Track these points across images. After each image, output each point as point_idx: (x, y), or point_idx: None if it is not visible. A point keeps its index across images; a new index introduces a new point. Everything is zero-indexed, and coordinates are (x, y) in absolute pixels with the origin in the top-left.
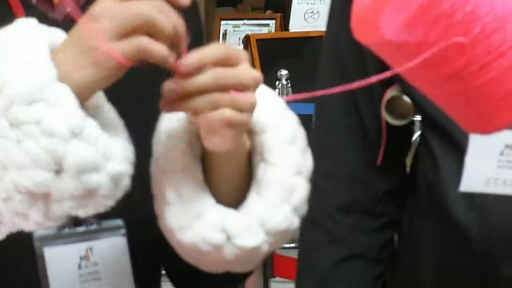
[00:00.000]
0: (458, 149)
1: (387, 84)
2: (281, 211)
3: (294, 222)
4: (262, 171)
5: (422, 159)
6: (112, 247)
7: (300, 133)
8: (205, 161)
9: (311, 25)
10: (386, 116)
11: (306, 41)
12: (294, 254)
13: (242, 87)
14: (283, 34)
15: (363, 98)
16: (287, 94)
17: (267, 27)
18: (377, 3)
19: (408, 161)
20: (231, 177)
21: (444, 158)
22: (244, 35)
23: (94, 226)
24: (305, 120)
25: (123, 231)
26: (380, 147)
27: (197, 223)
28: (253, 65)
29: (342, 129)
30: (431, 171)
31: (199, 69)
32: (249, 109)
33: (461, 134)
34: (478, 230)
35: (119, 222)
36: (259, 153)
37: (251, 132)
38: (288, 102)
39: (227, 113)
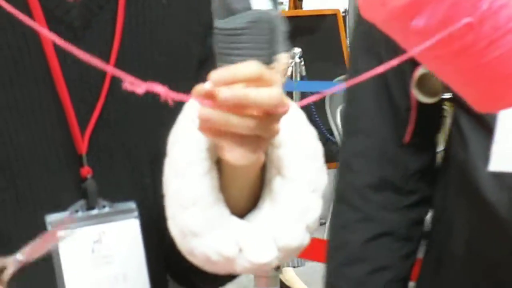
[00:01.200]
0: (487, 128)
1: (417, 62)
2: (295, 229)
3: (306, 239)
4: (279, 186)
5: (453, 137)
6: (125, 230)
7: (318, 149)
8: (220, 169)
9: (324, 3)
10: (416, 94)
11: (320, 19)
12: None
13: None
14: (297, 12)
15: (393, 76)
16: (300, 72)
17: (280, 5)
18: None
19: (441, 139)
20: (244, 187)
21: (474, 137)
22: None
23: (107, 209)
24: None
25: (135, 213)
26: (416, 121)
27: (211, 232)
28: None
29: (373, 108)
30: (461, 149)
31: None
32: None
33: (490, 113)
34: (508, 209)
35: (131, 204)
36: (276, 166)
37: (269, 144)
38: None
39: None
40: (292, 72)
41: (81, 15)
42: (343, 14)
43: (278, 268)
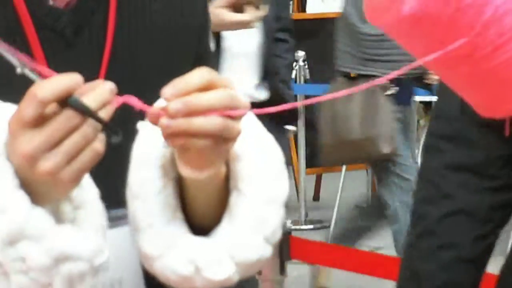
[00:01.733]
0: None
1: None
2: (252, 242)
3: (267, 251)
4: (234, 200)
5: None
6: (120, 236)
7: (275, 158)
8: (181, 185)
9: (328, 6)
10: None
11: (323, 22)
12: (310, 237)
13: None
14: (300, 16)
15: None
16: (304, 75)
17: None
18: None
19: None
20: (206, 202)
21: None
22: None
23: None
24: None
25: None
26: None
27: (166, 253)
28: None
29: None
30: None
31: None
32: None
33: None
34: None
35: (126, 211)
36: (233, 180)
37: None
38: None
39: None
40: (296, 75)
41: (72, 22)
42: None
43: (283, 272)
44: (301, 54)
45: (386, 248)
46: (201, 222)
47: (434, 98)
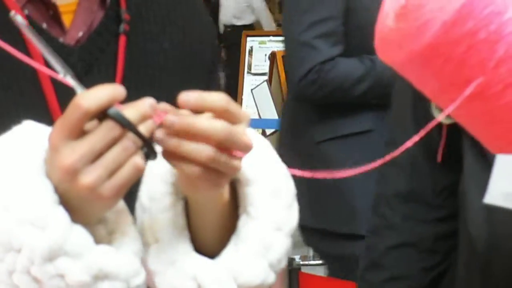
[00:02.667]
0: (486, 161)
1: None
2: (255, 266)
3: (270, 277)
4: (242, 224)
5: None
6: None
7: (287, 187)
8: (188, 205)
9: None
10: (434, 113)
11: None
12: (319, 272)
13: (231, 147)
14: None
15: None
16: None
17: None
18: (401, 23)
19: None
20: (210, 225)
21: (473, 165)
22: (270, 51)
23: None
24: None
25: None
26: (446, 140)
27: (170, 270)
28: (279, 81)
29: (409, 121)
30: (461, 178)
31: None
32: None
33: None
34: (484, 244)
35: None
36: (242, 204)
37: (237, 182)
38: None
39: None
40: None
41: (82, 59)
42: None
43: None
44: None
45: None
46: (206, 246)
47: None
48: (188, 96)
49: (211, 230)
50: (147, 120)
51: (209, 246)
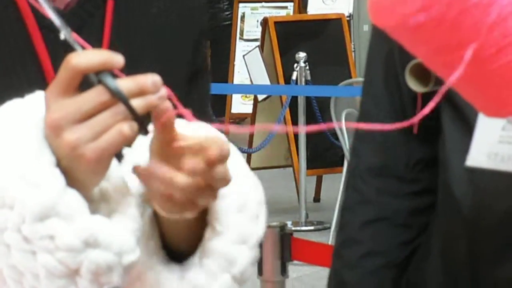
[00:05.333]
0: (467, 125)
1: None
2: (218, 280)
3: None
4: (208, 237)
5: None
6: None
7: (253, 199)
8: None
9: (329, 7)
10: (408, 82)
11: (324, 23)
12: (312, 237)
13: (212, 184)
14: (301, 17)
15: (402, 67)
16: (305, 77)
17: (285, 10)
18: None
19: None
20: (177, 233)
21: (453, 131)
22: (262, 17)
23: None
24: None
25: None
26: (415, 115)
27: (136, 283)
28: (271, 48)
29: (381, 95)
30: (441, 143)
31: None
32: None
33: (471, 111)
34: (470, 205)
35: None
36: (209, 218)
37: None
38: None
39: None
40: (297, 76)
41: (71, 23)
42: (348, 18)
43: (284, 273)
44: (302, 55)
45: None
46: (176, 248)
47: None
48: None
49: (179, 237)
50: (146, 94)
51: (178, 248)
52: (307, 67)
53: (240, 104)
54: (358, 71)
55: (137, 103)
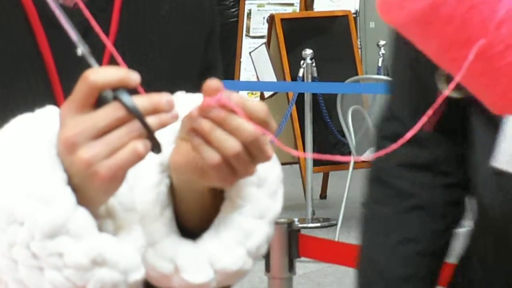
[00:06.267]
0: (495, 130)
1: None
2: (233, 253)
3: (248, 264)
4: (226, 210)
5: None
6: None
7: (272, 175)
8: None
9: (335, 4)
10: (440, 85)
11: (331, 20)
12: (318, 234)
13: (254, 153)
14: (308, 14)
15: (430, 71)
16: (311, 74)
17: (291, 6)
18: None
19: None
20: (192, 205)
21: (482, 137)
22: (268, 14)
23: None
24: None
25: None
26: (444, 111)
27: (149, 250)
28: (278, 45)
29: (407, 95)
30: (469, 149)
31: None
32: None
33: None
34: (501, 211)
35: None
36: (227, 190)
37: None
38: None
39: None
40: (303, 73)
41: (81, 21)
42: (354, 15)
43: (292, 270)
44: (308, 52)
45: None
46: (187, 223)
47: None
48: (230, 96)
49: (192, 210)
50: (160, 113)
51: (189, 223)
52: (314, 64)
53: None
54: (364, 68)
55: (152, 121)
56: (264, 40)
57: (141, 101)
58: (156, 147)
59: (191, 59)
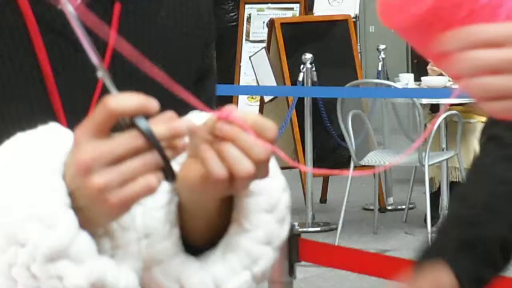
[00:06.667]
0: None
1: None
2: (239, 277)
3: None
4: (233, 233)
5: None
6: None
7: (282, 201)
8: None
9: (335, 8)
10: None
11: (330, 24)
12: (318, 238)
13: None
14: (308, 18)
15: None
16: (311, 78)
17: (291, 11)
18: None
19: None
20: (199, 224)
21: None
22: (268, 18)
23: None
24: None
25: None
26: None
27: (156, 268)
28: (278, 49)
29: None
30: None
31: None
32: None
33: None
34: None
35: None
36: (236, 212)
37: None
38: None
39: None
40: (303, 77)
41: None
42: (354, 20)
43: (292, 274)
44: (308, 56)
45: (393, 251)
46: (192, 240)
47: (442, 101)
48: (246, 116)
49: (198, 228)
50: (177, 139)
51: (193, 240)
52: (314, 69)
53: (246, 106)
54: (364, 72)
55: (169, 152)
56: (264, 44)
57: (160, 129)
58: (170, 176)
59: (187, 65)
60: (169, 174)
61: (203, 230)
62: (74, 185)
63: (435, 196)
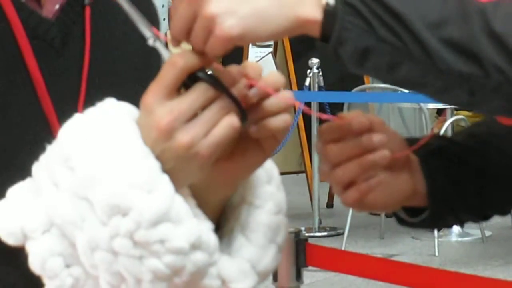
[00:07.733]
0: None
1: None
2: (269, 252)
3: (279, 258)
4: (246, 214)
5: None
6: None
7: (274, 170)
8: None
9: None
10: None
11: None
12: (325, 243)
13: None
14: None
15: None
16: (318, 83)
17: None
18: None
19: None
20: (210, 210)
21: None
22: None
23: None
24: None
25: None
26: None
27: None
28: (284, 54)
29: None
30: None
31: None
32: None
33: None
34: None
35: None
36: (240, 194)
37: None
38: None
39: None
40: (310, 82)
41: (60, 31)
42: None
43: (299, 279)
44: (315, 61)
45: (400, 255)
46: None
47: (448, 105)
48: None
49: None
50: (238, 83)
51: None
52: (320, 73)
53: None
54: (371, 77)
55: (235, 93)
56: (271, 49)
57: (225, 75)
58: (244, 117)
59: (150, 61)
60: (242, 115)
61: (215, 218)
62: (159, 150)
63: None
